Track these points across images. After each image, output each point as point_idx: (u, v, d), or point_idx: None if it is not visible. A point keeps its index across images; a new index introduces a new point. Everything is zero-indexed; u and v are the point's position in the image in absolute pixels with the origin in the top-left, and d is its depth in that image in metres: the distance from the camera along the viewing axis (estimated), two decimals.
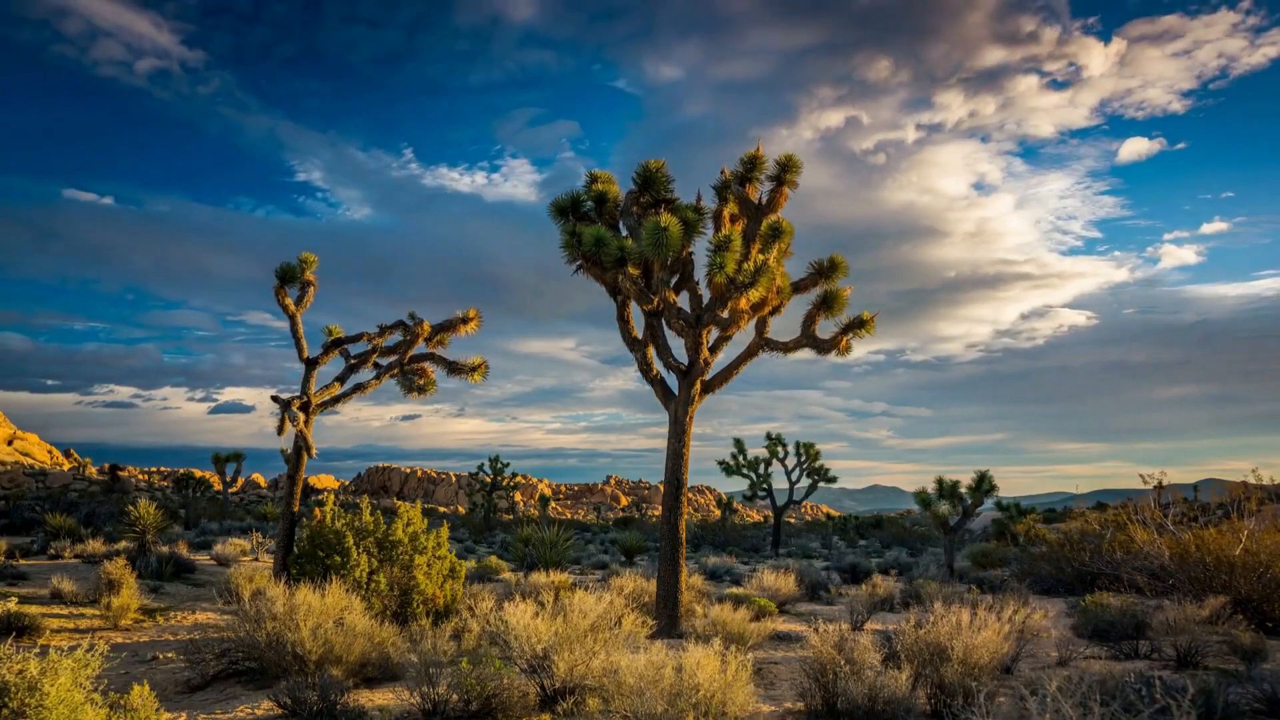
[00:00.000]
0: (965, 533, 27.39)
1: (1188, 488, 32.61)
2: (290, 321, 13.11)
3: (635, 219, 11.50)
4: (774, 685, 7.78)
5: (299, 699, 5.97)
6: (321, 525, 10.33)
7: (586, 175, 11.90)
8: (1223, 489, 19.58)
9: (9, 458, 60.28)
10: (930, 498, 18.35)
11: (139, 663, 8.18)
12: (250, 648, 7.41)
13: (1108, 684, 5.92)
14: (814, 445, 31.71)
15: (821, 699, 6.30)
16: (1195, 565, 12.26)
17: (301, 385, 12.95)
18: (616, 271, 11.07)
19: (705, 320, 11.35)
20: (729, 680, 5.38)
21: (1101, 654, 9.23)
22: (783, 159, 11.03)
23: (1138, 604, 11.13)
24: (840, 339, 11.98)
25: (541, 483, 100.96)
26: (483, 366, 14.02)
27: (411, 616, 10.04)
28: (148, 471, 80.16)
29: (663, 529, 11.27)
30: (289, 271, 13.14)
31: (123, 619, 10.26)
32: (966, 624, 6.85)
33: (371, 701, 6.82)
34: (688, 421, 11.36)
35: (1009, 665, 8.07)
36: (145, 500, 17.75)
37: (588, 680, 6.45)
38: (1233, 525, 12.89)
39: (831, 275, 11.83)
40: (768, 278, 10.59)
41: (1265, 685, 6.54)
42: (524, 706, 6.37)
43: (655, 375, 11.74)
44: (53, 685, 4.42)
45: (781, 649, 9.86)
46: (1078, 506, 23.70)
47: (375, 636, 7.69)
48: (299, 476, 12.79)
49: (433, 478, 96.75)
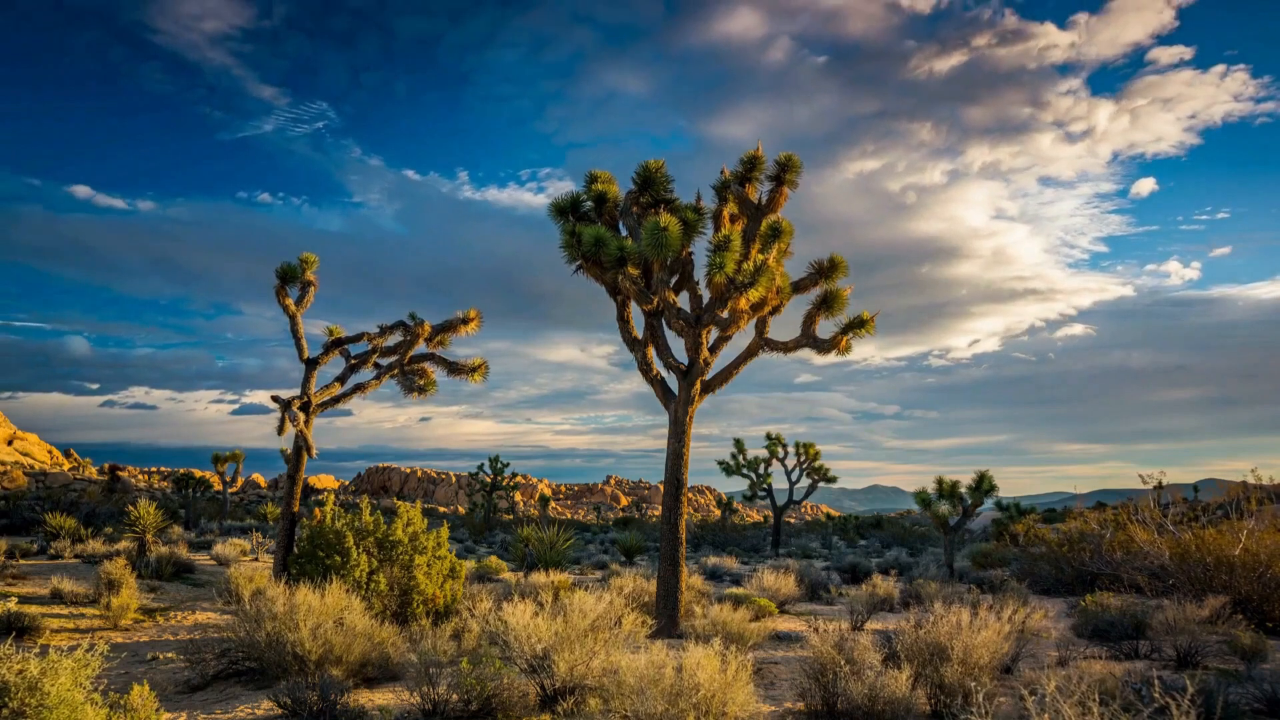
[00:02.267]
0: (965, 533, 27.40)
1: (1187, 488, 32.67)
2: (290, 322, 13.10)
3: (635, 219, 11.50)
4: (774, 685, 7.78)
5: (299, 699, 5.97)
6: (321, 525, 10.32)
7: (586, 175, 11.89)
8: (1222, 489, 19.58)
9: (9, 458, 60.26)
10: (930, 498, 18.34)
11: (139, 663, 8.19)
12: (250, 648, 7.41)
13: (1107, 684, 5.92)
14: (813, 445, 31.67)
15: (821, 699, 6.30)
16: (1195, 565, 12.26)
17: (301, 385, 12.95)
18: (616, 271, 11.06)
19: (705, 320, 11.35)
20: (729, 680, 5.38)
21: (1101, 654, 9.23)
22: (782, 159, 11.00)
23: (1138, 604, 11.13)
24: (840, 339, 11.97)
25: (541, 483, 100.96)
26: (483, 367, 13.99)
27: (411, 616, 10.04)
28: (148, 471, 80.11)
29: (663, 529, 11.27)
30: (289, 271, 13.10)
31: (123, 619, 10.26)
32: (966, 624, 6.85)
33: (371, 701, 6.83)
34: (688, 421, 11.37)
35: (1009, 665, 8.06)
36: (145, 500, 17.75)
37: (588, 680, 6.45)
38: (1232, 525, 12.89)
39: (831, 275, 11.80)
40: (767, 278, 10.59)
41: (1265, 685, 6.55)
42: (524, 706, 6.37)
43: (655, 375, 11.74)
44: (53, 685, 4.42)
45: (781, 649, 9.86)
46: (1078, 506, 23.68)
47: (375, 636, 7.69)
48: (299, 476, 12.78)
49: (433, 478, 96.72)
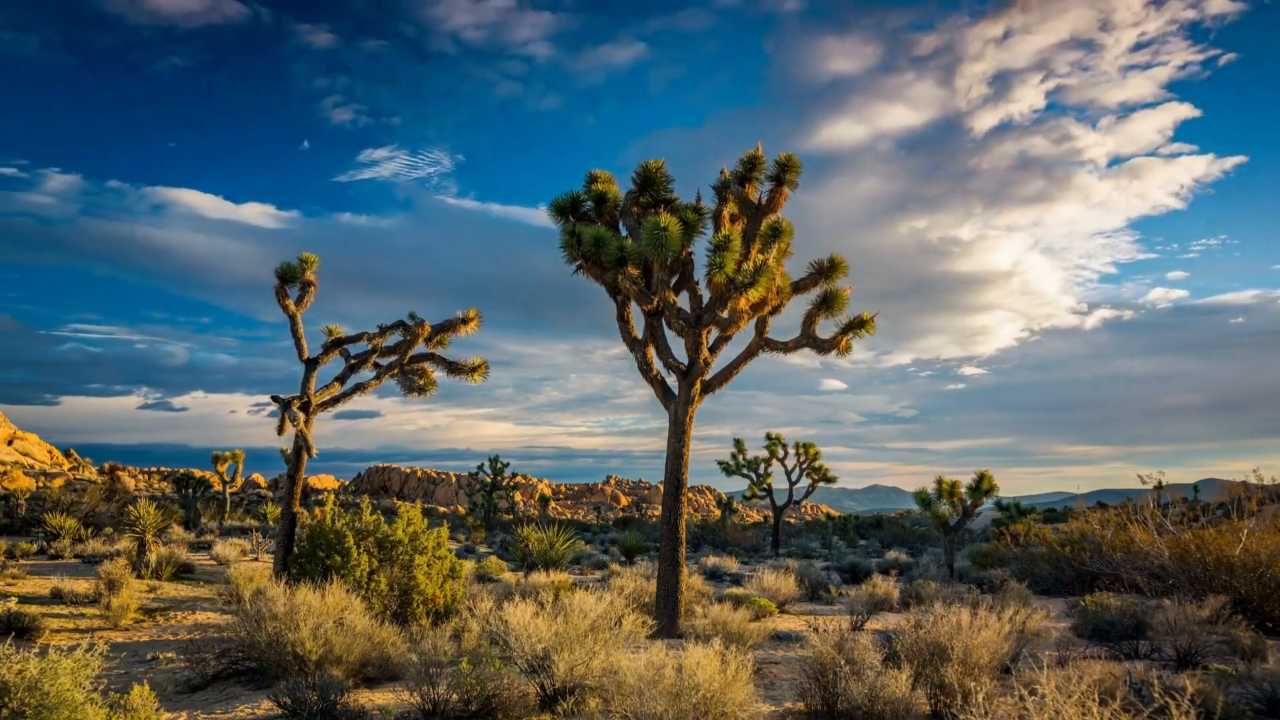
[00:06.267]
0: (965, 533, 27.38)
1: (1188, 488, 32.66)
2: (290, 322, 13.09)
3: (635, 219, 11.50)
4: (774, 685, 7.78)
5: (299, 699, 5.97)
6: (321, 525, 10.32)
7: (587, 175, 11.89)
8: (1222, 489, 19.57)
9: (9, 458, 60.25)
10: (930, 498, 18.34)
11: (139, 663, 8.19)
12: (250, 648, 7.41)
13: (1107, 684, 5.92)
14: (813, 445, 31.67)
15: (821, 699, 6.30)
16: (1195, 565, 12.26)
17: (301, 385, 12.95)
18: (616, 271, 11.06)
19: (705, 320, 11.35)
20: (729, 680, 5.38)
21: (1101, 654, 9.23)
22: (782, 159, 11.00)
23: (1138, 604, 11.12)
24: (840, 339, 11.97)
25: (541, 483, 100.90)
26: (483, 367, 13.99)
27: (411, 617, 10.03)
28: (148, 471, 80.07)
29: (663, 529, 11.27)
30: (290, 271, 13.10)
31: (123, 619, 10.26)
32: (966, 624, 6.85)
33: (371, 701, 6.83)
34: (688, 421, 11.37)
35: (1009, 665, 8.06)
36: (145, 500, 17.74)
37: (588, 680, 6.45)
38: (1233, 525, 12.89)
39: (831, 275, 11.80)
40: (767, 277, 10.59)
41: (1265, 685, 6.55)
42: (524, 706, 6.37)
43: (655, 375, 11.74)
44: (53, 685, 4.42)
45: (781, 649, 9.86)
46: (1078, 506, 23.67)
47: (375, 636, 7.69)
48: (299, 476, 12.78)
49: (433, 478, 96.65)
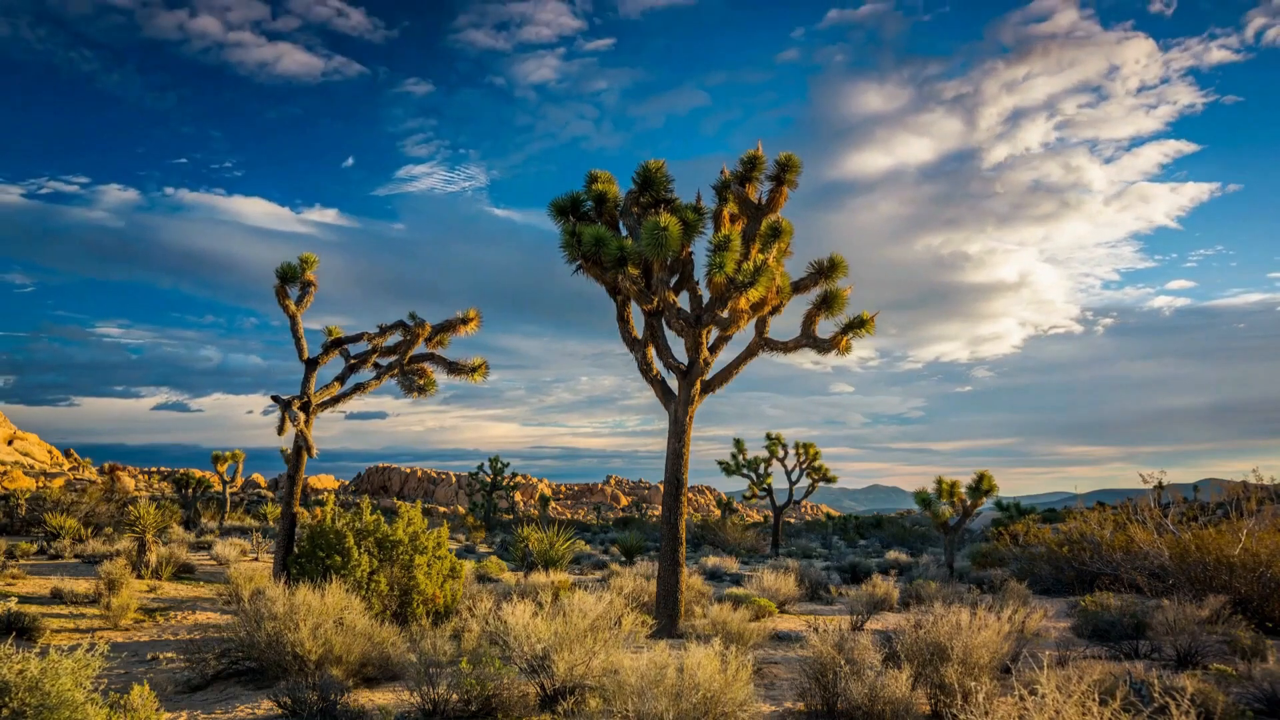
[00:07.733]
0: (965, 533, 27.40)
1: (1187, 488, 32.56)
2: (290, 322, 13.08)
3: (635, 219, 11.50)
4: (774, 685, 7.78)
5: (299, 699, 5.97)
6: (321, 525, 10.32)
7: (587, 175, 11.89)
8: (1222, 489, 19.57)
9: (9, 458, 60.26)
10: (930, 498, 18.35)
11: (139, 663, 8.19)
12: (250, 648, 7.41)
13: (1107, 684, 5.92)
14: (813, 445, 31.61)
15: (821, 699, 6.31)
16: (1195, 565, 12.27)
17: (301, 385, 12.94)
18: (616, 271, 11.06)
19: (705, 320, 11.35)
20: (729, 680, 5.38)
21: (1101, 654, 9.23)
22: (782, 159, 10.99)
23: (1137, 604, 11.13)
24: (840, 339, 11.97)
25: (541, 483, 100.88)
26: (483, 367, 13.98)
27: (411, 617, 10.04)
28: (148, 471, 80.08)
29: (663, 529, 11.27)
30: (290, 271, 13.07)
31: (123, 619, 10.26)
32: (966, 624, 6.85)
33: (371, 701, 6.83)
34: (688, 421, 11.36)
35: (1009, 665, 8.06)
36: (145, 500, 17.74)
37: (588, 680, 6.45)
38: (1232, 525, 12.89)
39: (831, 275, 11.80)
40: (767, 277, 10.59)
41: (1265, 685, 6.55)
42: (524, 706, 6.37)
43: (655, 375, 11.74)
44: (53, 685, 4.42)
45: (781, 649, 9.86)
46: (1078, 506, 23.66)
47: (375, 636, 7.69)
48: (299, 476, 12.78)
49: (433, 478, 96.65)
